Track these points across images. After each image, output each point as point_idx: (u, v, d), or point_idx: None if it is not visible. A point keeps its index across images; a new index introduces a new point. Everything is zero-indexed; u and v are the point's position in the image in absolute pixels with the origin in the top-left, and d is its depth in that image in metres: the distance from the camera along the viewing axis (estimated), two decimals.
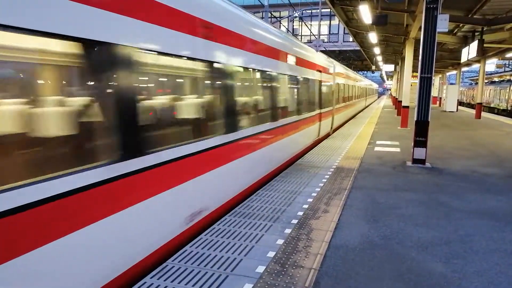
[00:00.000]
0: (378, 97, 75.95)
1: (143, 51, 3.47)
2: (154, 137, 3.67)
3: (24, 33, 2.40)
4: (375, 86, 59.91)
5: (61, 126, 2.81)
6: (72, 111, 2.89)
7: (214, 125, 4.92)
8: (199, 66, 4.55)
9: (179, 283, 3.23)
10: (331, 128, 14.39)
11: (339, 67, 16.59)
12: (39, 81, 2.81)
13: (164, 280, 3.26)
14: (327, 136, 13.49)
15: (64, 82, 3.03)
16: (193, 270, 3.46)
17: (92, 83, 3.01)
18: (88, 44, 2.85)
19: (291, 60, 8.25)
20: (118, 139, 3.14)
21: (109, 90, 3.09)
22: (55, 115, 2.77)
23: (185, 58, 4.19)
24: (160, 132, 3.97)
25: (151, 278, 3.30)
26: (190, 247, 3.95)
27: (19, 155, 2.58)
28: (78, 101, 2.97)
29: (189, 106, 4.56)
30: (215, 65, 4.82)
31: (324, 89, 12.33)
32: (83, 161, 2.90)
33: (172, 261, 3.63)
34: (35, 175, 2.51)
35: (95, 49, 2.93)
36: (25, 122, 2.58)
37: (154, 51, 3.62)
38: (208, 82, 4.82)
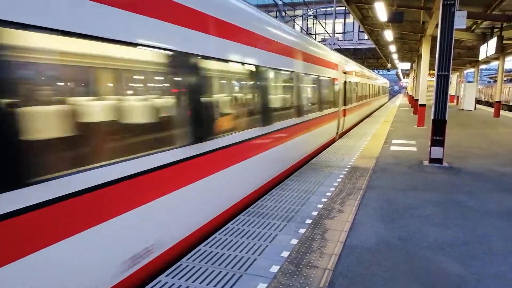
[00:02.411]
0: (393, 96, 72.85)
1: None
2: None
3: None
4: (382, 81, 37.62)
5: None
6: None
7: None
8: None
9: (193, 282, 3.25)
10: None
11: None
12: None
13: (179, 279, 3.29)
14: None
15: None
16: (207, 269, 3.48)
17: None
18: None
19: None
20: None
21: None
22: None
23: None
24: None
25: (165, 276, 3.33)
26: (204, 246, 3.97)
27: None
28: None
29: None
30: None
31: None
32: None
33: (187, 260, 3.65)
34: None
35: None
36: None
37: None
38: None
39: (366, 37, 27.43)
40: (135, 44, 3.28)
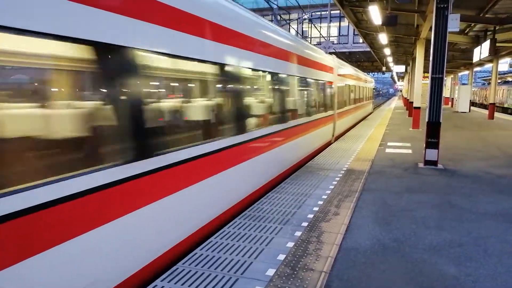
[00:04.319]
0: (388, 99, 72.51)
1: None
2: None
3: None
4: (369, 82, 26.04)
5: None
6: None
7: None
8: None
9: (189, 286, 3.23)
10: None
11: None
12: None
13: (175, 283, 3.27)
14: None
15: None
16: (203, 273, 3.47)
17: None
18: None
19: None
20: None
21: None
22: None
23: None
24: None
25: (161, 281, 3.31)
26: (200, 250, 3.96)
27: None
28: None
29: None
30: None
31: None
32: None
33: (183, 264, 3.64)
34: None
35: None
36: None
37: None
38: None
39: (361, 40, 27.55)
40: None
